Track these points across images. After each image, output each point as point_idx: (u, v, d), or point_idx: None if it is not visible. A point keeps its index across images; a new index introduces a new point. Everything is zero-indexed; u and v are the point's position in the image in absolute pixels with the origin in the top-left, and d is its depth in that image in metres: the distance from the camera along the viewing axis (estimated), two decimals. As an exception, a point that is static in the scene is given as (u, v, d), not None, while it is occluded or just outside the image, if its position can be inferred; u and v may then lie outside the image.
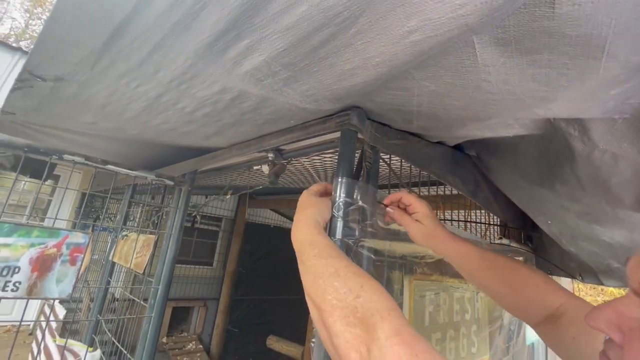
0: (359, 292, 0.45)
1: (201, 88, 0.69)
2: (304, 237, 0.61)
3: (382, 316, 0.40)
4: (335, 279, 0.48)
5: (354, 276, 0.48)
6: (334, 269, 0.50)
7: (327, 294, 0.46)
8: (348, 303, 0.44)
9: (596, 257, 1.11)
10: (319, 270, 0.51)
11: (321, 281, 0.49)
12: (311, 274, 0.52)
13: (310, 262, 0.54)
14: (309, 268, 0.53)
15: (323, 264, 0.52)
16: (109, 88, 0.78)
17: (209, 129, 1.02)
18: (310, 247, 0.57)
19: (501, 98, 0.56)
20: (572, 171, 0.76)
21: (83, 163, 1.28)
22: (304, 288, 0.53)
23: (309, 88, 0.62)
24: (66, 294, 1.18)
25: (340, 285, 0.47)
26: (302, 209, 0.70)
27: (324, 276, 0.49)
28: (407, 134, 1.02)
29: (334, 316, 0.43)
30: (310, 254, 0.55)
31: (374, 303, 0.43)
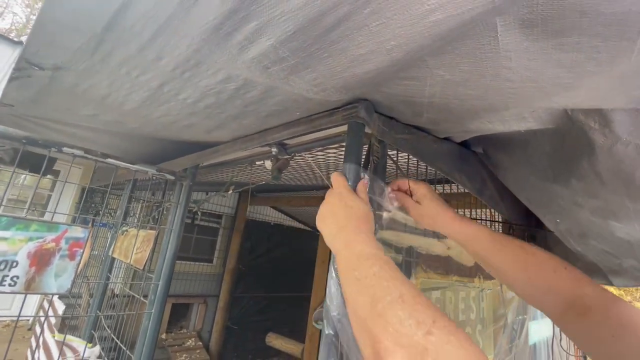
0: (431, 327, 0.36)
1: (205, 77, 0.67)
2: (360, 249, 0.51)
3: None
4: (399, 307, 0.40)
5: (423, 307, 0.39)
6: (399, 293, 0.41)
7: (388, 325, 0.39)
8: (416, 341, 0.36)
9: (606, 257, 1.09)
10: (379, 293, 0.43)
11: (380, 306, 0.41)
12: (368, 296, 0.43)
13: (368, 281, 0.45)
14: (366, 288, 0.45)
15: (384, 286, 0.43)
16: (109, 77, 0.75)
17: (211, 121, 0.99)
18: (368, 262, 0.48)
19: (521, 86, 0.53)
20: (591, 165, 0.73)
21: (82, 156, 1.25)
22: (354, 310, 0.45)
23: (317, 76, 0.60)
24: (65, 289, 1.16)
25: (405, 315, 0.39)
26: (351, 212, 0.59)
27: (385, 301, 0.41)
28: (414, 129, 0.99)
29: (396, 356, 0.36)
30: (369, 271, 0.46)
31: (450, 346, 0.35)
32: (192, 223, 4.42)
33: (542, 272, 0.59)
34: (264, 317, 4.76)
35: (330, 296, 0.63)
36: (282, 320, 4.88)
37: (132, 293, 1.77)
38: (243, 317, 4.57)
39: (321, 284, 3.07)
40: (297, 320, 4.90)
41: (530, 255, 0.61)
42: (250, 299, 4.68)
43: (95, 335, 1.95)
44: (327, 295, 0.65)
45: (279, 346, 3.25)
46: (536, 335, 1.76)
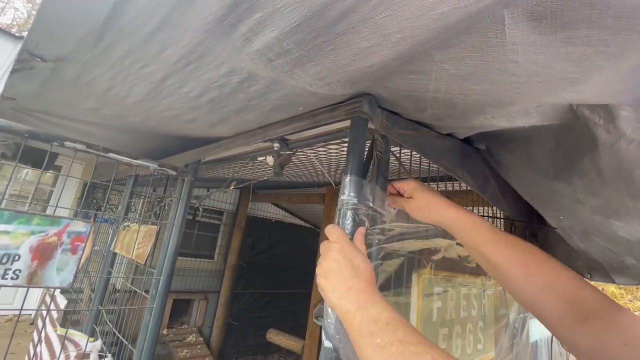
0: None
1: (208, 69, 0.66)
2: (377, 312, 0.49)
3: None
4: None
5: None
6: (430, 358, 0.40)
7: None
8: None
9: (609, 254, 1.08)
10: (394, 351, 0.42)
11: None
12: None
13: (394, 349, 0.43)
14: (395, 356, 0.43)
15: (413, 351, 0.42)
16: (111, 70, 0.75)
17: (214, 116, 0.99)
18: (389, 327, 0.46)
19: (527, 81, 0.52)
20: (593, 163, 0.73)
21: (84, 150, 1.25)
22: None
23: (321, 69, 0.59)
24: (67, 283, 1.16)
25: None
26: (358, 270, 0.56)
27: None
28: (417, 125, 0.99)
29: None
30: (393, 337, 0.44)
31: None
32: (194, 219, 4.44)
33: (542, 269, 0.56)
34: (265, 313, 4.78)
35: (327, 314, 0.62)
36: (283, 316, 4.90)
37: (134, 288, 1.77)
38: (244, 313, 4.59)
39: (322, 280, 3.07)
40: (298, 317, 4.92)
41: (529, 253, 0.59)
42: (251, 295, 4.70)
43: (97, 329, 1.96)
44: (325, 314, 0.65)
45: (279, 342, 3.27)
46: (537, 333, 1.77)
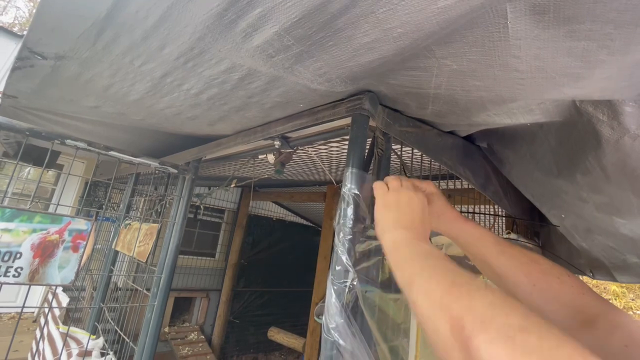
0: (528, 315, 0.32)
1: (208, 66, 0.66)
2: (429, 249, 0.50)
3: (577, 350, 0.28)
4: (489, 293, 0.36)
5: (515, 301, 0.35)
6: (483, 284, 0.39)
7: (475, 305, 0.35)
8: (512, 321, 0.31)
9: (612, 252, 1.08)
10: (459, 280, 0.40)
11: (465, 289, 0.38)
12: (445, 280, 0.41)
13: (444, 271, 0.43)
14: (444, 273, 0.42)
15: (466, 276, 0.41)
16: (112, 67, 0.74)
17: (214, 113, 0.99)
18: (441, 258, 0.47)
19: (529, 77, 0.52)
20: (596, 160, 0.72)
21: (86, 148, 1.25)
22: (425, 293, 0.42)
23: (322, 65, 0.59)
24: (69, 281, 1.16)
25: (496, 301, 0.35)
26: (423, 215, 0.60)
27: (470, 286, 0.38)
28: (419, 122, 0.98)
29: (489, 333, 0.31)
30: (447, 265, 0.44)
31: (554, 332, 0.30)
32: (195, 218, 4.44)
33: (546, 278, 0.56)
34: (266, 311, 4.79)
35: (329, 309, 0.63)
36: (284, 314, 4.91)
37: (135, 286, 1.78)
38: (245, 311, 4.60)
39: (322, 279, 3.08)
40: (299, 315, 4.92)
41: (534, 262, 0.59)
42: (252, 293, 4.70)
43: (99, 327, 1.97)
44: (325, 310, 0.64)
45: (280, 340, 3.27)
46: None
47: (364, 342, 0.64)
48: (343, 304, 0.66)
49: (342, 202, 0.74)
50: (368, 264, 0.70)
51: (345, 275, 0.66)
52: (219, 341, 4.28)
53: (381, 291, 0.73)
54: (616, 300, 5.86)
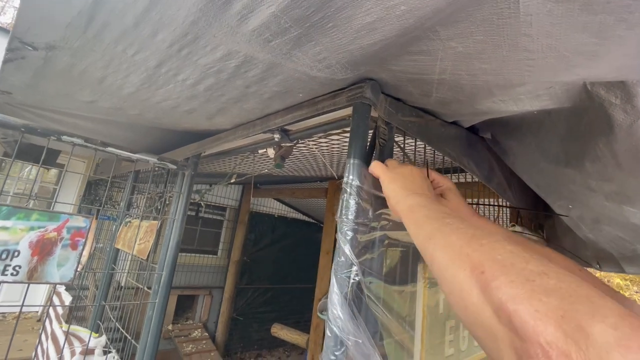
0: (548, 264, 0.32)
1: (204, 54, 0.64)
2: (445, 209, 0.50)
3: (596, 291, 0.28)
4: (508, 243, 0.36)
5: (529, 250, 0.35)
6: (503, 236, 0.39)
7: (495, 254, 0.35)
8: (532, 267, 0.32)
9: (621, 243, 1.05)
10: (479, 234, 0.40)
11: (485, 241, 0.38)
12: (465, 234, 0.40)
13: (464, 226, 0.43)
14: (464, 229, 0.42)
15: (486, 231, 0.41)
16: (104, 56, 0.72)
17: (212, 105, 0.96)
18: (458, 217, 0.47)
19: (540, 57, 0.49)
20: (608, 146, 0.70)
21: (82, 145, 1.23)
22: (444, 247, 0.41)
23: (321, 50, 0.56)
24: (68, 279, 1.15)
25: (517, 249, 0.35)
26: (426, 182, 0.63)
27: (490, 239, 0.38)
28: (422, 112, 0.96)
29: (508, 275, 0.31)
30: (463, 223, 0.44)
31: (573, 277, 0.30)
32: (197, 215, 4.43)
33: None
34: (269, 308, 4.79)
35: (331, 300, 0.62)
36: (287, 311, 4.91)
37: (136, 284, 1.77)
38: (248, 308, 4.60)
39: (325, 274, 3.06)
40: (302, 311, 4.93)
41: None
42: (255, 290, 4.70)
43: (102, 325, 1.96)
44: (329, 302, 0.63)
45: (283, 336, 3.27)
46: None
47: (367, 333, 0.62)
48: (346, 295, 0.64)
49: (344, 193, 0.72)
50: (372, 256, 0.68)
51: (349, 267, 0.64)
52: (223, 338, 4.29)
53: (385, 283, 0.71)
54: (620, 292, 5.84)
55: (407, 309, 0.81)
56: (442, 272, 0.40)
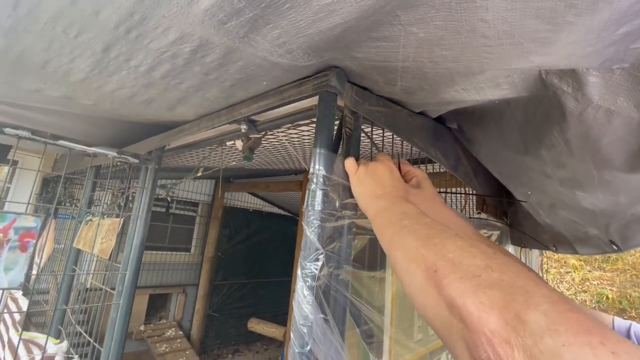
0: (493, 256, 0.35)
1: (155, 36, 0.59)
2: (408, 208, 0.53)
3: (533, 280, 0.31)
4: (458, 239, 0.39)
5: (481, 243, 0.39)
6: (454, 232, 0.42)
7: (446, 252, 0.38)
8: (478, 262, 0.35)
9: (574, 226, 1.12)
10: (433, 232, 0.42)
11: (437, 240, 0.41)
12: (421, 234, 0.43)
13: (419, 227, 0.45)
14: (419, 229, 0.45)
15: (439, 229, 0.43)
16: (43, 38, 0.65)
17: (171, 94, 0.91)
18: (417, 216, 0.49)
19: (497, 43, 0.50)
20: (561, 134, 0.73)
21: (29, 137, 1.13)
22: (401, 246, 0.44)
23: (280, 34, 0.54)
24: (17, 283, 1.06)
25: (465, 245, 0.38)
26: (398, 183, 0.64)
27: (441, 237, 0.41)
28: (389, 102, 0.96)
29: (457, 272, 0.35)
30: (421, 221, 0.47)
31: (514, 267, 0.33)
32: (167, 212, 4.27)
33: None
34: (246, 303, 4.74)
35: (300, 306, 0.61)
36: (264, 305, 4.89)
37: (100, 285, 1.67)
38: (224, 304, 4.53)
39: (301, 267, 3.07)
40: (279, 305, 4.92)
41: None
42: (231, 286, 4.63)
43: (63, 330, 1.85)
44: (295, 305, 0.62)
45: (261, 331, 3.25)
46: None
47: (336, 334, 0.62)
48: (314, 289, 0.63)
49: (310, 183, 0.70)
50: (340, 244, 0.68)
51: (316, 256, 0.63)
52: (199, 336, 4.20)
53: (354, 269, 0.71)
54: (575, 272, 6.31)
55: (377, 294, 0.82)
56: (404, 275, 0.43)
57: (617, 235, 0.98)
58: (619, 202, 0.81)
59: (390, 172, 0.65)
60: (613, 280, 5.94)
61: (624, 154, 0.64)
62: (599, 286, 5.91)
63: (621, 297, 5.53)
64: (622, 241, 0.99)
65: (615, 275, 6.00)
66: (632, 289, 5.58)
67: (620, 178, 0.72)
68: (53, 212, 2.54)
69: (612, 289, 5.74)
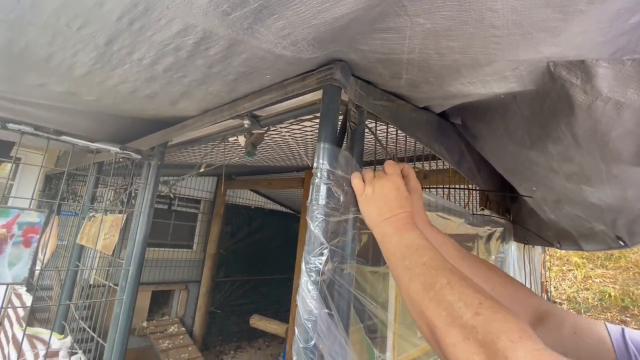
0: (478, 309, 0.39)
1: (158, 28, 0.58)
2: (410, 238, 0.55)
3: (512, 340, 0.34)
4: (448, 292, 0.43)
5: (470, 291, 0.42)
6: (446, 281, 0.44)
7: (440, 309, 0.42)
8: (465, 322, 0.39)
9: (579, 222, 1.11)
10: (429, 280, 0.46)
11: (432, 294, 0.44)
12: (419, 284, 0.47)
13: (418, 270, 0.49)
14: (417, 277, 0.48)
15: (433, 274, 0.47)
16: (46, 31, 0.65)
17: (174, 88, 0.90)
18: (417, 252, 0.52)
19: (506, 34, 0.49)
20: (568, 127, 0.72)
21: (32, 133, 1.13)
22: (408, 295, 0.48)
23: (285, 25, 0.53)
24: (21, 278, 1.06)
25: (454, 299, 0.42)
26: (405, 202, 0.62)
27: (435, 288, 0.44)
28: (393, 96, 0.95)
29: (450, 337, 0.39)
30: (419, 261, 0.50)
31: (497, 323, 0.37)
32: (169, 209, 4.27)
33: (502, 283, 0.65)
34: (248, 300, 4.75)
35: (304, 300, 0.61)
36: (266, 302, 4.90)
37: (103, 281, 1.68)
38: (226, 301, 4.55)
39: (303, 264, 3.07)
40: (281, 302, 4.93)
41: (491, 270, 0.68)
42: (233, 283, 4.64)
43: (67, 326, 1.86)
44: (299, 300, 0.62)
45: (263, 327, 3.26)
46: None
47: (341, 328, 0.62)
48: (318, 283, 0.63)
49: (314, 178, 0.70)
50: (344, 238, 0.67)
51: (320, 252, 0.63)
52: (201, 332, 4.22)
53: (358, 264, 0.70)
54: (577, 270, 6.29)
55: (381, 289, 0.81)
56: (413, 316, 0.48)
57: (625, 231, 0.97)
58: (627, 197, 0.80)
59: (397, 191, 0.63)
60: (616, 278, 5.91)
61: (633, 147, 0.63)
62: (602, 284, 5.89)
63: (624, 295, 5.51)
64: (629, 236, 0.98)
65: (618, 273, 5.98)
66: (634, 286, 5.56)
67: (628, 172, 0.71)
68: (56, 208, 2.55)
69: (615, 287, 5.72)
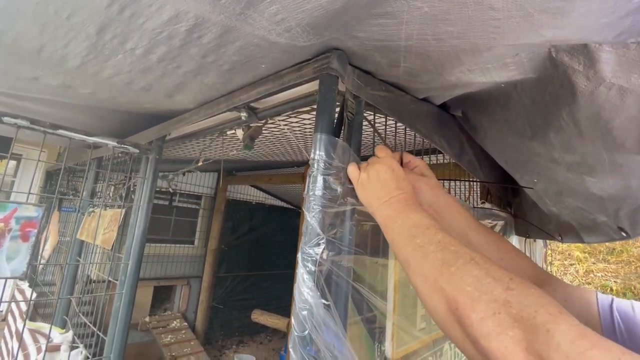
0: (509, 284, 0.36)
1: (149, 15, 0.57)
2: (417, 218, 0.52)
3: (552, 313, 0.32)
4: (474, 267, 0.39)
5: (496, 267, 0.39)
6: (469, 257, 0.41)
7: (463, 285, 0.38)
8: (496, 296, 0.35)
9: (581, 213, 1.10)
10: (448, 257, 0.42)
11: (454, 269, 0.40)
12: (436, 260, 0.43)
13: (433, 247, 0.45)
14: (433, 253, 0.44)
15: (452, 250, 0.43)
16: (36, 21, 0.63)
17: (169, 80, 0.89)
18: (430, 230, 0.48)
19: (506, 16, 0.47)
20: (570, 116, 0.70)
21: (28, 127, 1.12)
22: (423, 274, 0.44)
23: (278, 9, 0.52)
24: (19, 273, 1.06)
25: (481, 274, 0.38)
26: (402, 183, 0.60)
27: (457, 264, 0.41)
28: (391, 86, 0.93)
29: (478, 312, 0.35)
30: (434, 238, 0.46)
31: (533, 297, 0.34)
32: (170, 205, 4.28)
33: (510, 253, 0.66)
34: (249, 295, 4.77)
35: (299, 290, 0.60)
36: (268, 297, 4.92)
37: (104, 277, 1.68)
38: (228, 296, 4.57)
39: (304, 259, 3.07)
40: (283, 297, 4.95)
41: (501, 241, 0.70)
42: (234, 278, 4.66)
43: (68, 320, 1.87)
44: (296, 290, 0.61)
45: (264, 322, 3.27)
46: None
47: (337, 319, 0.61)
48: (314, 273, 0.62)
49: (312, 169, 0.69)
50: (342, 230, 0.66)
51: (317, 243, 0.62)
52: (203, 327, 4.24)
53: (356, 255, 0.69)
54: (579, 264, 6.28)
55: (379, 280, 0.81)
56: (426, 301, 0.44)
57: (627, 221, 0.96)
58: (630, 186, 0.79)
59: (392, 172, 0.61)
60: (617, 272, 5.90)
61: (637, 135, 0.62)
62: (603, 278, 5.89)
63: (625, 289, 5.50)
64: (631, 227, 0.96)
65: (619, 267, 5.97)
66: (636, 280, 5.55)
67: (632, 161, 0.69)
68: (57, 203, 2.55)
69: (617, 281, 5.72)
